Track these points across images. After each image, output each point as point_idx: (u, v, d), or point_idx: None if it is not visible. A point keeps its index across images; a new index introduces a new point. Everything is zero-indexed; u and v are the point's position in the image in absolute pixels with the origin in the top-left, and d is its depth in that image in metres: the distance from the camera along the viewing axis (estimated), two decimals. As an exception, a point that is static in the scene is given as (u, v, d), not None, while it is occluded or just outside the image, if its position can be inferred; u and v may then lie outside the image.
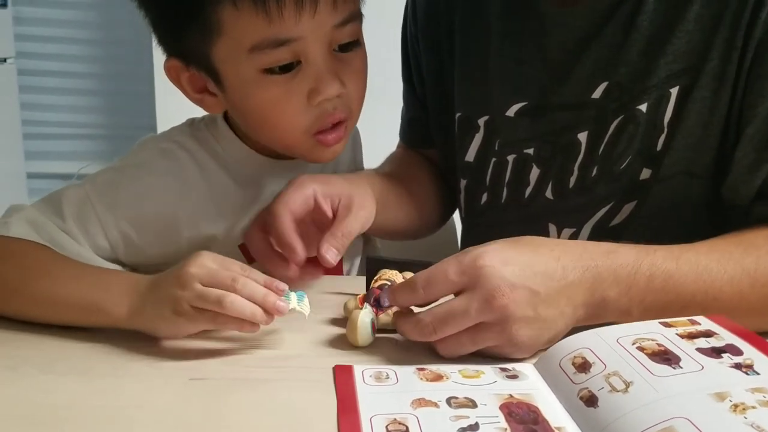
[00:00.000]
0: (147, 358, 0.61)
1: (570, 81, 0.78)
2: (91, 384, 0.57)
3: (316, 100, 0.70)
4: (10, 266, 0.68)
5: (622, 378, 0.50)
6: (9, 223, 0.70)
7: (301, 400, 0.55)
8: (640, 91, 0.75)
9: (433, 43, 0.92)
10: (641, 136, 0.75)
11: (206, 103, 0.76)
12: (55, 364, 0.60)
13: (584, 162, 0.79)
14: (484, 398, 0.52)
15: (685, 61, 0.73)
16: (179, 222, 0.77)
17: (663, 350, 0.52)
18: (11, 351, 0.63)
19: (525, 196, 0.84)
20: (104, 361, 0.61)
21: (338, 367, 0.59)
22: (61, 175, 2.59)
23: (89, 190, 0.74)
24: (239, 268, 0.62)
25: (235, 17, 0.66)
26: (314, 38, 0.68)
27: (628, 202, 0.78)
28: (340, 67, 0.71)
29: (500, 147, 0.85)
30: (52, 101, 2.53)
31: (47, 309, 0.66)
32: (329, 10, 0.68)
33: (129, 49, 2.45)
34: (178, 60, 0.73)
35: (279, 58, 0.68)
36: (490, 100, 0.85)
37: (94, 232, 0.74)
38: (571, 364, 0.54)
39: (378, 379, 0.57)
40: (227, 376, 0.58)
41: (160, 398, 0.55)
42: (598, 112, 0.77)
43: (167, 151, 0.78)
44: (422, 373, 0.57)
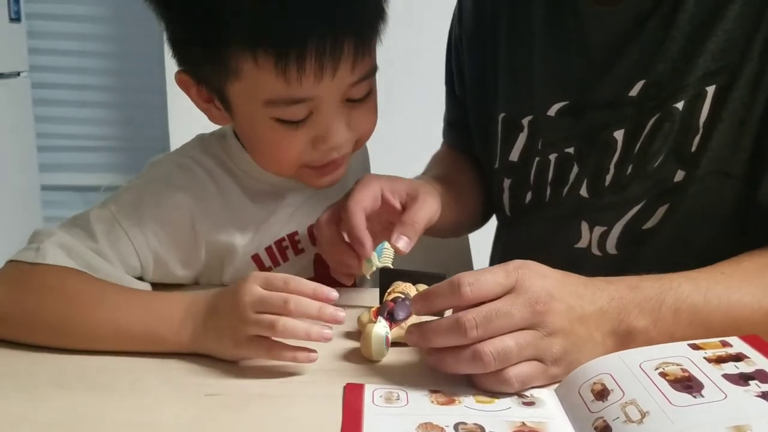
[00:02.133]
0: (163, 374, 0.62)
1: (609, 79, 0.78)
2: (108, 400, 0.58)
3: (321, 148, 0.72)
4: (53, 298, 0.66)
5: (638, 407, 0.48)
6: (42, 250, 0.69)
7: (313, 416, 0.55)
8: (677, 88, 0.74)
9: (477, 47, 0.93)
10: (676, 134, 0.75)
11: (212, 113, 0.76)
12: (71, 380, 0.61)
13: (620, 160, 0.79)
14: (494, 425, 0.51)
15: (723, 60, 0.72)
16: (198, 235, 0.78)
17: (686, 377, 0.50)
18: (28, 368, 0.63)
19: (563, 195, 0.84)
20: (120, 378, 0.61)
21: (349, 386, 0.58)
22: (75, 187, 2.61)
23: (115, 210, 0.74)
24: (283, 283, 0.61)
25: (254, 71, 0.67)
26: (328, 97, 0.69)
27: (662, 205, 0.77)
28: (350, 114, 0.73)
29: (543, 146, 0.85)
30: (65, 114, 2.55)
31: (99, 341, 0.65)
32: (347, 74, 0.69)
33: (142, 62, 2.46)
34: (189, 76, 0.73)
35: (293, 114, 0.69)
36: (534, 101, 0.85)
37: (126, 251, 0.73)
38: (590, 391, 0.52)
39: (388, 400, 0.55)
40: (242, 391, 0.59)
41: (176, 414, 0.55)
42: (635, 110, 0.77)
43: (184, 166, 0.78)
44: (434, 395, 0.56)
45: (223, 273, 0.81)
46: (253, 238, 0.80)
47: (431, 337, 0.58)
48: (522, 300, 0.56)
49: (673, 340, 0.58)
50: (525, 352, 0.56)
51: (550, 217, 0.86)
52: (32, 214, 2.24)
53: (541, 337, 0.56)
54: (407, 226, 0.71)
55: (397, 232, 0.71)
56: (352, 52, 0.67)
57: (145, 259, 0.75)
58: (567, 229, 0.84)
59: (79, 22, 2.50)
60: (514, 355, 0.55)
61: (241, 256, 0.80)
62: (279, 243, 0.82)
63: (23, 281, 0.68)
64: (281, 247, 0.82)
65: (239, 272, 0.81)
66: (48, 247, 0.69)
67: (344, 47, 0.67)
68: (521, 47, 0.86)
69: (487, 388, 0.56)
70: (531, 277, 0.58)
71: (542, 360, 0.57)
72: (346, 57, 0.67)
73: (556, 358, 0.57)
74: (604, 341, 0.59)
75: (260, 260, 0.81)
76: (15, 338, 0.66)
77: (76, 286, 0.67)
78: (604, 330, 0.59)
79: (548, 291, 0.57)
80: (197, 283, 0.82)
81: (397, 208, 0.75)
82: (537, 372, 0.57)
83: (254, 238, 0.80)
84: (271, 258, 0.82)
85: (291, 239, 0.83)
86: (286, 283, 0.61)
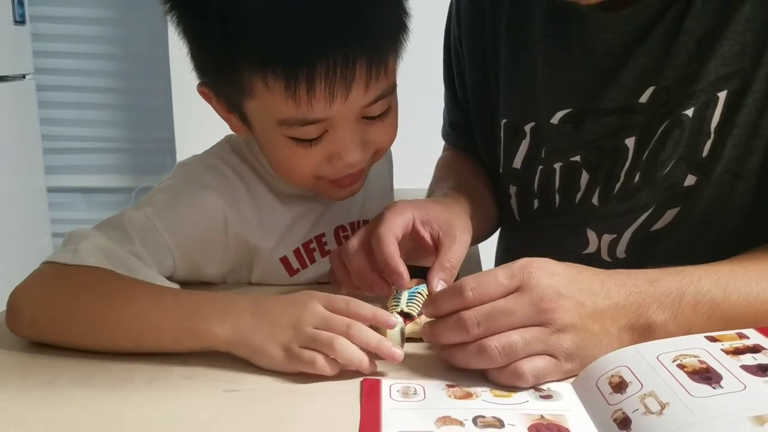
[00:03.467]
0: (182, 370, 0.62)
1: (617, 86, 0.77)
2: (127, 397, 0.58)
3: (337, 164, 0.71)
4: (88, 298, 0.66)
5: (657, 399, 0.48)
6: (80, 251, 0.68)
7: (331, 412, 0.55)
8: (687, 95, 0.73)
9: (477, 49, 0.91)
10: (686, 141, 0.73)
11: (233, 124, 0.76)
12: (90, 377, 0.61)
13: (630, 167, 0.78)
14: (512, 418, 0.51)
15: (735, 65, 0.70)
16: (229, 235, 0.78)
17: (704, 368, 0.50)
18: (48, 365, 0.63)
19: (575, 202, 0.83)
20: (139, 374, 0.61)
21: (366, 381, 0.58)
22: (80, 188, 2.61)
23: (150, 212, 0.73)
24: (345, 305, 0.61)
25: (265, 92, 0.66)
26: (342, 117, 0.68)
27: (671, 208, 0.76)
28: (367, 130, 0.71)
29: (546, 155, 0.84)
30: (71, 116, 2.55)
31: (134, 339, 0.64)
32: (360, 96, 0.67)
33: (147, 64, 2.46)
34: (210, 90, 0.73)
35: (306, 133, 0.69)
36: (536, 107, 0.83)
37: (161, 252, 0.73)
38: (608, 384, 0.52)
39: (405, 394, 0.56)
40: (260, 387, 0.59)
41: (195, 411, 0.55)
42: (645, 117, 0.76)
43: (213, 167, 0.79)
44: (452, 390, 0.56)
45: (252, 273, 0.81)
46: (280, 240, 0.80)
47: (439, 334, 0.59)
48: (527, 298, 0.57)
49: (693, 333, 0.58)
50: (533, 347, 0.56)
51: (558, 224, 0.85)
52: (39, 216, 2.24)
53: (550, 333, 0.57)
54: (447, 271, 0.68)
55: (437, 277, 0.67)
56: (365, 74, 0.66)
57: (178, 259, 0.75)
58: (574, 236, 0.82)
59: (84, 25, 2.50)
60: (520, 349, 0.56)
61: (269, 257, 0.80)
62: (307, 245, 0.82)
63: (59, 282, 0.67)
64: (309, 249, 0.82)
65: (268, 273, 0.81)
66: (85, 249, 0.68)
67: (356, 70, 0.65)
68: (522, 51, 0.84)
69: (501, 382, 0.57)
70: (538, 275, 0.58)
71: (554, 355, 0.57)
72: (359, 79, 0.66)
73: (569, 353, 0.57)
74: (620, 335, 0.59)
75: (288, 263, 0.81)
76: (49, 339, 0.65)
77: (110, 285, 0.66)
78: (621, 324, 0.59)
79: (555, 289, 0.57)
80: (224, 282, 0.83)
81: (427, 242, 0.71)
82: (550, 367, 0.57)
83: (282, 240, 0.81)
84: (299, 260, 0.82)
85: (318, 241, 0.83)
86: (348, 305, 0.61)
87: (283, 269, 0.81)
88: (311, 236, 0.83)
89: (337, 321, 0.60)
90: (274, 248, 0.80)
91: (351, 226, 0.86)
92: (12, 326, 0.67)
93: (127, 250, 0.70)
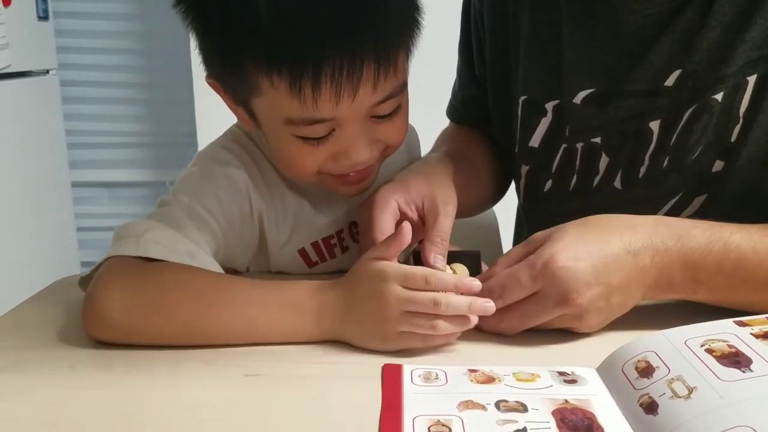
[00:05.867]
0: (203, 355, 0.62)
1: (642, 67, 0.76)
2: (148, 382, 0.58)
3: (343, 163, 0.70)
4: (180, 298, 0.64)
5: (685, 383, 0.47)
6: (143, 244, 0.66)
7: (353, 397, 0.55)
8: (715, 79, 0.72)
9: (499, 25, 0.89)
10: (714, 126, 0.73)
11: (240, 116, 0.75)
12: (112, 362, 0.61)
13: (655, 152, 0.77)
14: (536, 403, 0.50)
15: (765, 48, 0.70)
16: (254, 210, 0.77)
17: (734, 352, 0.49)
18: (70, 350, 0.64)
19: (593, 185, 0.82)
20: (160, 359, 0.61)
21: (387, 366, 0.58)
22: (104, 183, 2.63)
23: (187, 200, 0.73)
24: (424, 282, 0.60)
25: (272, 91, 0.65)
26: (350, 116, 0.66)
27: (699, 195, 0.75)
28: (376, 129, 0.70)
29: (570, 133, 0.82)
30: (94, 111, 2.57)
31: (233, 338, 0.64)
32: (368, 95, 0.65)
33: (168, 59, 2.47)
34: (218, 82, 0.72)
35: (313, 132, 0.67)
36: (559, 85, 0.82)
37: (210, 235, 0.73)
38: (634, 369, 0.52)
39: (427, 379, 0.55)
40: (281, 372, 0.59)
41: (216, 395, 0.56)
42: (670, 101, 0.75)
43: (230, 149, 0.78)
44: (473, 374, 0.56)
45: (270, 262, 0.81)
46: (296, 230, 0.80)
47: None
48: (554, 299, 0.60)
49: (711, 287, 0.62)
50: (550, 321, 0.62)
51: (579, 208, 0.83)
52: (64, 210, 2.26)
53: (574, 319, 0.61)
54: (437, 245, 0.69)
55: (432, 253, 0.68)
56: (372, 73, 0.63)
57: (221, 240, 0.74)
58: None
59: (106, 20, 2.52)
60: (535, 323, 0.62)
61: (285, 247, 0.80)
62: (327, 240, 0.82)
63: (140, 281, 0.65)
64: (329, 244, 0.82)
65: (286, 263, 0.81)
66: (149, 240, 0.67)
67: (363, 69, 0.63)
68: (546, 28, 0.83)
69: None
70: (564, 268, 0.59)
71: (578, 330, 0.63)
72: (367, 78, 0.63)
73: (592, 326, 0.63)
74: (644, 294, 0.63)
75: (307, 255, 0.81)
76: (139, 342, 0.64)
77: (199, 283, 0.65)
78: (645, 285, 0.62)
79: (583, 281, 0.59)
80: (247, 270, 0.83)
81: (415, 220, 0.72)
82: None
83: (297, 230, 0.80)
84: (318, 254, 0.82)
85: (339, 236, 0.83)
86: (428, 282, 0.60)
87: (301, 260, 0.81)
88: (332, 231, 0.82)
89: (423, 299, 0.60)
90: (290, 237, 0.80)
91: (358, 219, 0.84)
92: (95, 330, 0.65)
93: (185, 236, 0.70)
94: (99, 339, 0.65)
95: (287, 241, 0.80)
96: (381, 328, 0.61)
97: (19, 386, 0.58)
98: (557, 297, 0.60)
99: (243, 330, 0.63)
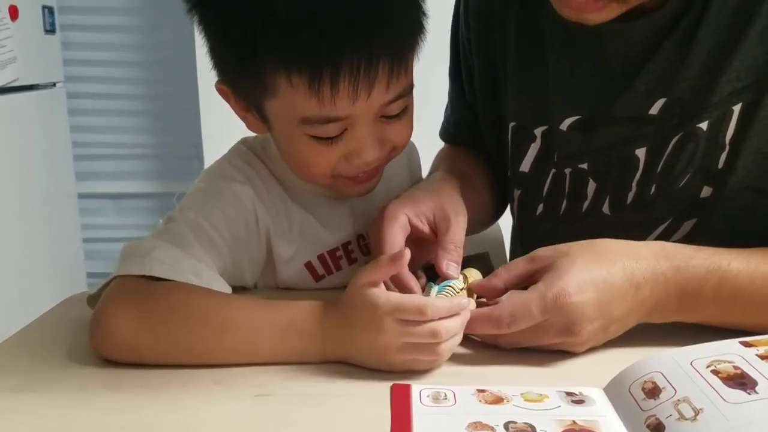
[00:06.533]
0: (213, 375, 0.62)
1: (627, 95, 0.76)
2: (159, 401, 0.58)
3: (354, 162, 0.72)
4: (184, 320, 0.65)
5: (691, 405, 0.48)
6: (148, 263, 0.67)
7: (361, 417, 0.55)
8: (700, 108, 0.72)
9: (486, 50, 0.90)
10: (701, 154, 0.73)
11: (250, 122, 0.76)
12: (122, 382, 0.62)
13: (642, 178, 0.77)
14: (544, 423, 0.51)
15: (749, 78, 0.70)
16: (260, 227, 0.78)
17: (739, 374, 0.49)
18: (80, 370, 0.64)
19: (582, 210, 0.83)
20: (171, 379, 0.62)
21: (396, 387, 0.58)
22: (110, 194, 2.64)
23: (193, 215, 0.74)
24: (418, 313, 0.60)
25: (289, 90, 0.66)
26: (363, 115, 0.69)
27: (689, 220, 0.76)
28: (384, 129, 0.72)
29: (559, 159, 0.83)
30: (100, 123, 2.58)
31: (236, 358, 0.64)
32: (382, 93, 0.68)
33: (174, 71, 2.48)
34: (229, 88, 0.74)
35: (327, 131, 0.69)
36: (547, 111, 0.83)
37: (215, 252, 0.74)
38: (641, 389, 0.52)
39: (436, 399, 0.56)
40: (292, 392, 0.59)
41: (228, 416, 0.56)
42: (656, 129, 0.75)
43: (237, 165, 0.79)
44: (482, 395, 0.56)
45: (278, 277, 0.82)
46: (302, 244, 0.81)
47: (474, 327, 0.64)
48: (558, 329, 0.62)
49: (705, 315, 0.64)
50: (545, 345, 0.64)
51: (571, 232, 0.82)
52: (70, 221, 2.27)
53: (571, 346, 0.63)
54: (451, 252, 0.70)
55: (445, 260, 0.69)
56: (386, 72, 0.67)
57: (227, 256, 0.75)
58: None
59: (113, 33, 2.53)
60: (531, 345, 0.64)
61: (291, 261, 0.80)
62: (333, 253, 0.82)
63: (146, 302, 0.66)
64: (335, 256, 0.82)
65: (293, 278, 0.81)
66: (154, 259, 0.68)
67: (379, 68, 0.66)
68: (532, 55, 0.84)
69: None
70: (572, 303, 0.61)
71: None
72: (381, 77, 0.66)
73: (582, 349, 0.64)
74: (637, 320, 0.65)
75: (313, 268, 0.82)
76: (145, 362, 0.64)
77: (202, 304, 0.66)
78: (641, 313, 0.64)
79: (588, 316, 0.61)
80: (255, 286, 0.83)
81: (426, 233, 0.73)
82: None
83: (303, 244, 0.81)
84: (324, 267, 0.82)
85: (345, 248, 0.83)
86: (423, 313, 0.60)
87: (308, 274, 0.82)
88: (338, 244, 0.83)
89: (422, 333, 0.60)
90: (296, 250, 0.80)
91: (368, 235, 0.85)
92: (102, 348, 0.65)
93: (189, 253, 0.71)
94: (106, 357, 0.65)
95: (294, 255, 0.81)
96: (384, 357, 0.61)
97: (30, 407, 0.58)
98: (561, 327, 0.62)
99: (247, 352, 0.64)
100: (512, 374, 0.62)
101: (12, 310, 1.72)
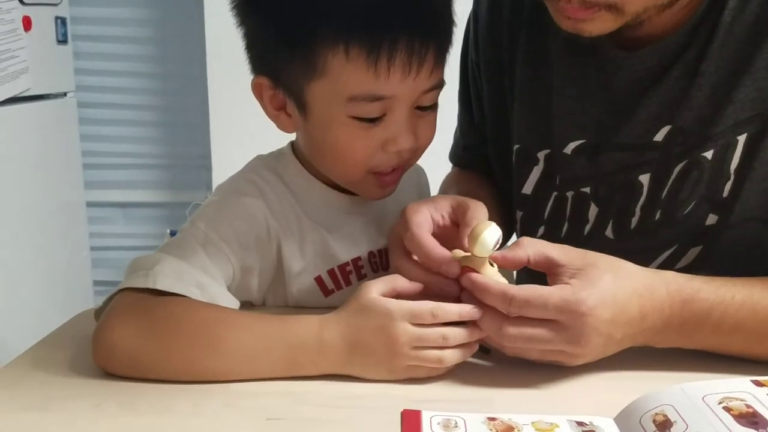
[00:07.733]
0: (224, 397, 0.62)
1: (632, 122, 0.77)
2: (170, 423, 0.59)
3: (391, 149, 0.73)
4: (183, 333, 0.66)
5: (703, 439, 0.48)
6: (152, 276, 0.68)
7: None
8: (705, 138, 0.73)
9: (494, 75, 0.92)
10: (706, 182, 0.74)
11: (281, 120, 0.77)
12: (136, 402, 0.62)
13: (646, 204, 0.78)
14: (556, 453, 0.51)
15: (754, 108, 0.71)
16: (272, 241, 0.79)
17: (751, 412, 0.50)
18: (96, 389, 0.64)
19: (584, 234, 0.83)
20: (183, 400, 0.62)
21: (406, 413, 0.58)
22: (119, 203, 2.66)
23: (204, 227, 0.75)
24: (432, 317, 0.63)
25: (343, 66, 0.68)
26: (405, 98, 0.71)
27: (693, 247, 0.76)
28: (416, 123, 0.74)
29: (561, 182, 0.84)
30: (110, 132, 2.60)
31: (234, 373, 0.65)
32: (427, 76, 0.71)
33: (184, 82, 2.50)
34: (268, 79, 0.75)
35: (370, 111, 0.71)
36: (551, 135, 0.84)
37: (223, 263, 0.74)
38: (652, 422, 0.52)
39: (446, 427, 0.56)
40: (302, 416, 0.59)
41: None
42: (660, 156, 0.76)
43: (251, 180, 0.80)
44: (492, 423, 0.56)
45: (287, 292, 0.82)
46: (313, 258, 0.81)
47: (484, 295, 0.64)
48: (567, 336, 0.62)
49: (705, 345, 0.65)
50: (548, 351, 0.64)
51: None
52: (78, 229, 2.28)
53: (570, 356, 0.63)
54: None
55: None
56: (433, 56, 0.70)
57: (236, 267, 0.76)
58: None
59: (124, 43, 2.55)
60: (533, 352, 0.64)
61: (302, 275, 0.81)
62: (343, 268, 0.83)
63: (148, 316, 0.66)
64: (345, 272, 0.83)
65: (302, 292, 0.82)
66: (158, 272, 0.68)
67: (430, 47, 0.69)
68: (538, 79, 0.85)
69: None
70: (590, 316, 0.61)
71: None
72: (429, 59, 0.70)
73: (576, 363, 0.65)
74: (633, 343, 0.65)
75: (323, 282, 0.82)
76: (146, 376, 0.65)
77: (204, 318, 0.67)
78: (637, 339, 0.65)
79: (597, 330, 0.62)
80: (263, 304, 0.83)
81: (447, 224, 0.74)
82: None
83: (314, 259, 0.81)
84: (334, 282, 0.83)
85: (355, 264, 0.83)
86: (435, 316, 0.63)
87: (317, 289, 0.82)
88: (348, 259, 0.83)
89: (432, 336, 0.63)
90: (307, 265, 0.81)
91: (379, 253, 0.85)
92: (103, 362, 0.66)
93: (194, 266, 0.71)
94: (107, 370, 0.66)
95: (304, 269, 0.81)
96: (389, 363, 0.64)
97: (46, 426, 0.59)
98: (570, 335, 0.62)
99: (246, 368, 0.65)
100: (523, 401, 0.62)
101: (20, 317, 1.73)
